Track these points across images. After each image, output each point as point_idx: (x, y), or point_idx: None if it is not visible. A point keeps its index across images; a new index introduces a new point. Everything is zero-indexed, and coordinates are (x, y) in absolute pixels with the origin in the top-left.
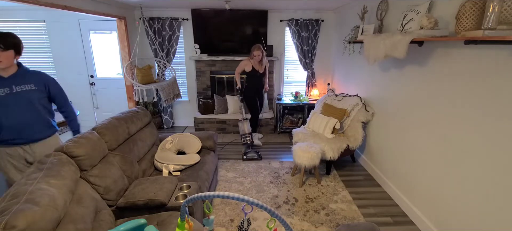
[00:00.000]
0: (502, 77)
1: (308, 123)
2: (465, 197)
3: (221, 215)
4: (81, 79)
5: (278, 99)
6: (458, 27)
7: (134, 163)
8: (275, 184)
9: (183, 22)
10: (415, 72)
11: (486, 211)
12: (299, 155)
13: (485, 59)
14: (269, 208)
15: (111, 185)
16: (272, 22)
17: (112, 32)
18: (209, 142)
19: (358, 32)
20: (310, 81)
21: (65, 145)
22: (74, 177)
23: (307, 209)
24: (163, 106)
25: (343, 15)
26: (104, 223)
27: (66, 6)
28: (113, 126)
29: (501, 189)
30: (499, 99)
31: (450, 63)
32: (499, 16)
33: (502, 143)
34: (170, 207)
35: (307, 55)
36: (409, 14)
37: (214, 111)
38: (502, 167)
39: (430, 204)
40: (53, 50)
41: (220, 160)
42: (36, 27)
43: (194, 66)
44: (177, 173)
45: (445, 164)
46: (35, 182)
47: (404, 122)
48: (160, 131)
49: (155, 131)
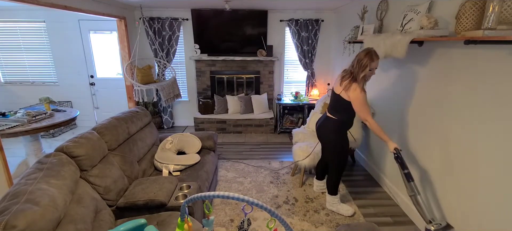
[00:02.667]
0: (502, 77)
1: (308, 123)
2: (465, 197)
3: (221, 215)
4: (81, 79)
5: (278, 99)
6: (458, 27)
7: (134, 163)
8: (275, 184)
9: (183, 22)
10: (415, 72)
11: (486, 210)
12: (299, 155)
13: (485, 59)
14: (269, 208)
15: (111, 185)
16: (272, 22)
17: (112, 32)
18: (209, 142)
19: (358, 32)
20: (310, 81)
21: (65, 145)
22: (74, 177)
23: (307, 209)
24: (163, 106)
25: (343, 15)
26: (104, 223)
27: (66, 6)
28: (113, 126)
29: (500, 188)
30: (499, 99)
31: (450, 63)
32: (499, 16)
33: (502, 143)
34: (170, 207)
35: (307, 55)
36: (409, 14)
37: (214, 111)
38: (502, 167)
39: (430, 204)
40: (53, 50)
41: (220, 160)
42: (36, 27)
43: (194, 66)
44: (177, 173)
45: (445, 163)
46: (35, 182)
47: (403, 122)
48: (160, 131)
49: (155, 131)
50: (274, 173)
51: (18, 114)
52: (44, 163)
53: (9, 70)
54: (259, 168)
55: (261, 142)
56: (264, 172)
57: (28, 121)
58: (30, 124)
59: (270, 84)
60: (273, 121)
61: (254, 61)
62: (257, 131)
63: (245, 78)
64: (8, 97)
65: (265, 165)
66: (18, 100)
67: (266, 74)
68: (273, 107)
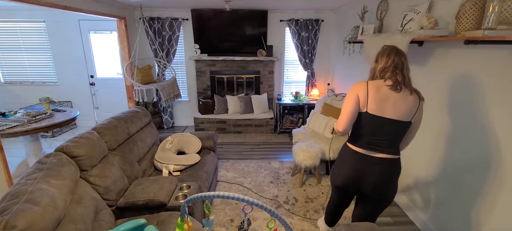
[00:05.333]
0: (502, 77)
1: (308, 123)
2: (465, 197)
3: (221, 215)
4: (81, 79)
5: (278, 99)
6: (458, 27)
7: (134, 163)
8: (275, 184)
9: (183, 22)
10: (414, 72)
11: (487, 210)
12: (299, 155)
13: (485, 59)
14: (269, 208)
15: (111, 185)
16: (272, 22)
17: (112, 32)
18: (209, 142)
19: (358, 32)
20: (310, 81)
21: (65, 145)
22: (74, 177)
23: (307, 209)
24: (163, 106)
25: (343, 15)
26: (104, 223)
27: (66, 6)
28: (113, 126)
29: (501, 188)
30: (499, 99)
31: (450, 63)
32: (499, 16)
33: (503, 143)
34: (170, 207)
35: (307, 55)
36: (409, 14)
37: (214, 111)
38: (502, 167)
39: (430, 204)
40: (53, 50)
41: (220, 160)
42: (36, 27)
43: (194, 66)
44: (177, 173)
45: (445, 164)
46: (35, 182)
47: None
48: (160, 131)
49: (155, 131)
50: (274, 173)
51: (18, 114)
52: (44, 163)
53: (9, 70)
54: (259, 168)
55: (261, 142)
56: (264, 172)
57: (28, 120)
58: (30, 124)
59: (270, 84)
60: (273, 121)
61: (254, 61)
62: (257, 131)
63: (245, 78)
64: (8, 97)
65: (265, 165)
66: (18, 100)
67: (266, 74)
68: (273, 107)
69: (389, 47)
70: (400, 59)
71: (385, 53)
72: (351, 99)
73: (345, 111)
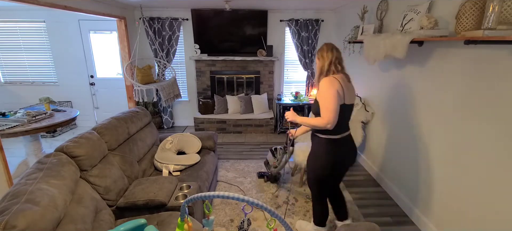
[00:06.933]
0: (502, 77)
1: None
2: (466, 197)
3: (221, 215)
4: (81, 79)
5: (278, 99)
6: (458, 27)
7: (134, 163)
8: (275, 184)
9: (183, 22)
10: (415, 72)
11: (487, 210)
12: (299, 155)
13: (485, 59)
14: (269, 208)
15: (111, 185)
16: (272, 22)
17: (112, 32)
18: (209, 142)
19: (358, 32)
20: (310, 81)
21: (65, 145)
22: (74, 177)
23: (307, 209)
24: (163, 106)
25: (343, 15)
26: (104, 223)
27: (66, 6)
28: (113, 126)
29: (501, 188)
30: (499, 99)
31: (450, 63)
32: (499, 16)
33: (503, 143)
34: (170, 207)
35: (307, 55)
36: (409, 14)
37: (214, 111)
38: (503, 167)
39: (430, 204)
40: (53, 50)
41: (220, 160)
42: (36, 27)
43: (194, 66)
44: (177, 173)
45: (445, 164)
46: (35, 182)
47: (404, 122)
48: (160, 131)
49: (155, 131)
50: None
51: (18, 114)
52: (44, 163)
53: (9, 70)
54: (259, 168)
55: (261, 142)
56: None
57: (28, 120)
58: (30, 124)
59: (270, 84)
60: (273, 120)
61: (254, 61)
62: (257, 131)
63: (245, 78)
64: (8, 97)
65: None
66: (18, 100)
67: (266, 74)
68: (273, 107)
69: (330, 44)
70: (339, 53)
71: (328, 49)
72: (334, 96)
73: (333, 108)
